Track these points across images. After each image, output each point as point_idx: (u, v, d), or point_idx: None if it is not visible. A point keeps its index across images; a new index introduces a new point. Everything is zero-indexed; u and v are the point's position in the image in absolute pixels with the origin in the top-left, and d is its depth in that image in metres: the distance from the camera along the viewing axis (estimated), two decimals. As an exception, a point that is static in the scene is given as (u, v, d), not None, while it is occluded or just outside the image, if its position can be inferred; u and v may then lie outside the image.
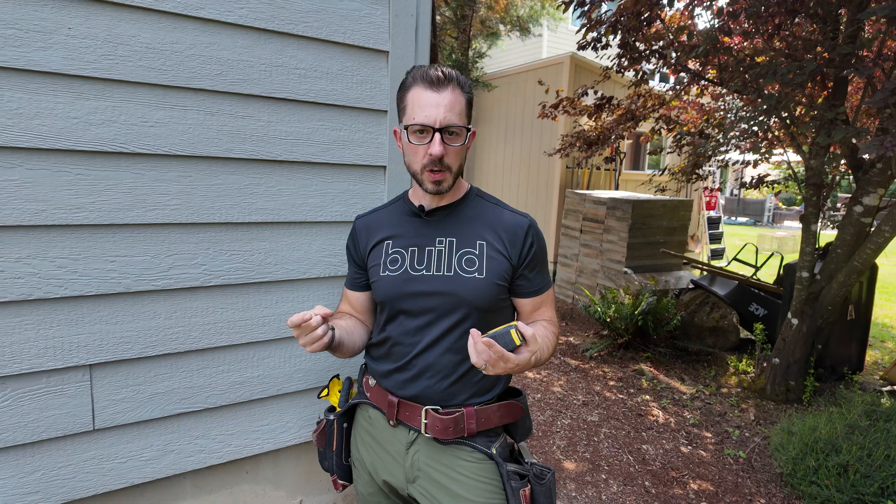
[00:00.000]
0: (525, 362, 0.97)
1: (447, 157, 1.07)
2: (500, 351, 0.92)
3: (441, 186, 1.10)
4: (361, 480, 1.27)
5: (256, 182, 1.37)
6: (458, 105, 1.06)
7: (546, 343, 1.13)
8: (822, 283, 3.52)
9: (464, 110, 1.08)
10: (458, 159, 1.10)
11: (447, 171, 1.08)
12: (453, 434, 1.12)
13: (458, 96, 1.06)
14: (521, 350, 0.96)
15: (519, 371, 0.99)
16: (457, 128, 1.06)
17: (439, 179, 1.09)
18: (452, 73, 1.07)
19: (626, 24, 3.86)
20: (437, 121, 1.04)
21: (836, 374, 4.02)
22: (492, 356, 0.92)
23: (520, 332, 0.95)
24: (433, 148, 1.05)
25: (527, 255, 1.14)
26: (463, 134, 1.07)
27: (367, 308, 1.30)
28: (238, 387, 1.42)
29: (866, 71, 2.67)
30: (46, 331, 1.17)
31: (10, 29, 1.06)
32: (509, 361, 0.94)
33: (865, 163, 3.40)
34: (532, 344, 0.96)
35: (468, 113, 1.10)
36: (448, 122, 1.05)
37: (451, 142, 1.07)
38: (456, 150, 1.08)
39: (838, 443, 2.53)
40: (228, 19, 1.26)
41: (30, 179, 1.11)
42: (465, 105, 1.08)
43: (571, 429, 3.26)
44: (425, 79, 1.06)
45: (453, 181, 1.11)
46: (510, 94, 7.75)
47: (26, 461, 1.19)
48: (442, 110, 1.04)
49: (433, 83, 1.05)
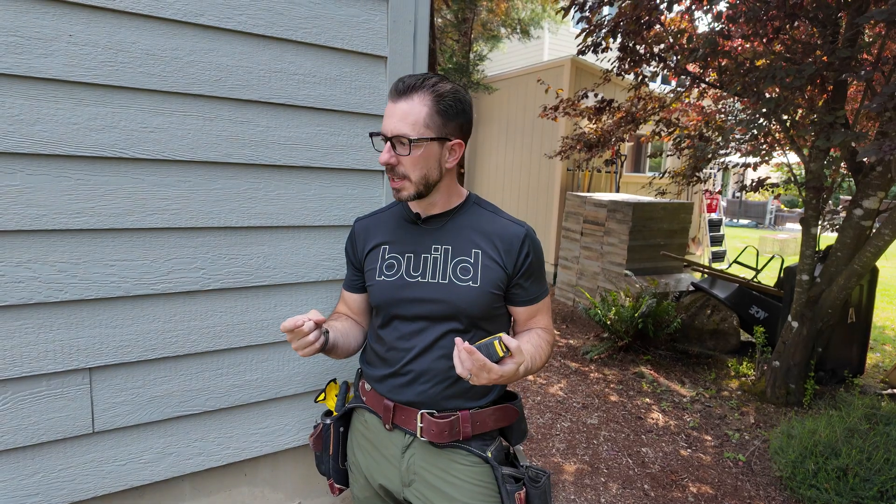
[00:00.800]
0: (511, 373, 0.97)
1: (400, 165, 1.07)
2: (481, 361, 0.92)
3: (400, 194, 1.11)
4: (358, 484, 1.28)
5: (255, 187, 1.38)
6: (412, 115, 1.04)
7: (538, 352, 1.14)
8: (822, 286, 3.52)
9: (422, 120, 1.04)
10: (416, 169, 1.07)
11: (405, 179, 1.08)
12: (448, 438, 1.12)
13: (415, 106, 1.04)
14: (506, 361, 0.96)
15: (506, 381, 0.99)
16: (404, 138, 1.04)
17: (397, 188, 1.10)
18: (417, 83, 1.05)
19: (626, 28, 3.87)
20: (388, 130, 1.06)
21: (837, 377, 4.02)
22: (474, 366, 0.92)
23: (504, 343, 0.95)
24: (381, 156, 1.08)
25: (522, 264, 1.14)
26: (409, 145, 1.04)
27: (363, 310, 1.31)
28: (237, 390, 1.43)
29: (866, 75, 2.67)
30: (47, 334, 1.18)
31: (12, 36, 1.07)
32: (492, 372, 0.93)
33: (865, 166, 3.40)
34: (518, 356, 0.96)
35: (435, 123, 1.06)
36: (396, 131, 1.04)
37: (401, 152, 1.06)
38: (411, 160, 1.06)
39: (838, 446, 2.53)
40: (227, 26, 1.27)
41: (30, 185, 1.13)
42: (426, 115, 1.04)
43: (571, 431, 3.27)
44: (392, 89, 1.07)
45: (417, 191, 1.10)
46: (511, 97, 7.77)
47: (26, 463, 1.20)
48: (393, 120, 1.05)
49: (394, 93, 1.07)
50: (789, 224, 16.18)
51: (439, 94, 1.06)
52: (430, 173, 1.09)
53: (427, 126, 1.05)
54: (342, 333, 1.19)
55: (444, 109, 1.07)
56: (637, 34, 3.89)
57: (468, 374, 0.94)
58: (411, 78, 1.06)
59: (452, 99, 1.07)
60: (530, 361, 1.09)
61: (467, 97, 1.12)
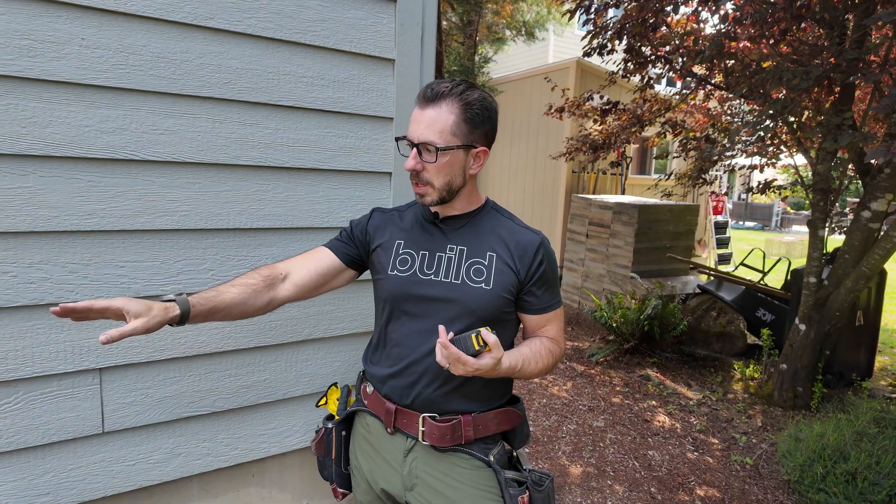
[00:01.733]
0: (488, 367, 0.98)
1: (425, 172, 1.08)
2: (455, 353, 0.95)
3: (423, 199, 1.12)
4: (360, 488, 1.27)
5: (264, 188, 1.38)
6: (439, 123, 1.05)
7: (536, 357, 1.14)
8: (829, 289, 3.50)
9: (448, 128, 1.05)
10: (440, 176, 1.08)
11: (428, 185, 1.09)
12: (451, 441, 1.12)
13: (443, 114, 1.05)
14: (484, 355, 0.98)
15: (487, 375, 1.01)
16: (431, 146, 1.05)
17: (421, 193, 1.11)
18: (446, 91, 1.05)
19: (632, 30, 3.87)
20: (414, 136, 1.07)
21: (845, 380, 3.99)
22: (450, 357, 0.96)
23: (482, 338, 0.97)
24: (406, 162, 1.09)
25: (535, 271, 1.14)
26: (436, 153, 1.05)
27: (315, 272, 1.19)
28: (245, 391, 1.44)
29: (873, 76, 2.66)
30: (58, 335, 1.19)
31: (26, 40, 1.08)
32: (468, 365, 0.96)
33: (873, 168, 3.38)
34: (496, 351, 0.98)
35: (462, 130, 1.06)
36: (423, 138, 1.05)
37: (427, 159, 1.07)
38: (436, 167, 1.07)
39: (847, 450, 2.51)
40: (237, 29, 1.28)
41: (43, 186, 1.14)
42: (453, 122, 1.05)
43: (577, 434, 3.26)
44: (420, 95, 1.08)
45: (440, 197, 1.11)
46: (516, 99, 7.77)
47: (37, 463, 1.21)
48: (420, 127, 1.06)
49: (422, 100, 1.07)
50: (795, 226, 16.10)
51: (467, 102, 1.06)
52: (453, 180, 1.10)
53: (454, 134, 1.06)
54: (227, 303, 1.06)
55: (472, 118, 1.07)
56: (643, 36, 3.89)
57: (446, 363, 0.98)
58: (440, 84, 1.06)
59: (480, 107, 1.08)
60: (521, 363, 1.10)
61: (494, 104, 1.13)
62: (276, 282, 1.15)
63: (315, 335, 1.51)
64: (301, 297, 1.20)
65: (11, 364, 1.15)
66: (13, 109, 1.09)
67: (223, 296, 1.06)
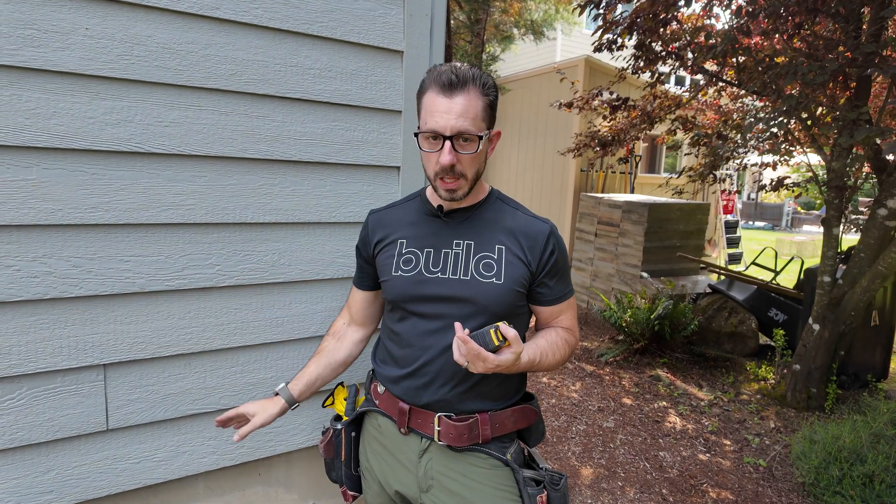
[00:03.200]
0: (508, 363, 0.95)
1: (460, 164, 1.02)
2: (476, 350, 0.92)
3: (455, 195, 1.06)
4: (371, 491, 1.24)
5: (271, 182, 1.36)
6: (472, 110, 1.00)
7: (552, 349, 1.11)
8: (844, 288, 3.43)
9: (479, 114, 1.01)
10: (473, 166, 1.05)
11: (461, 178, 1.04)
12: (468, 441, 1.09)
13: (472, 100, 1.00)
14: (503, 351, 0.95)
15: (507, 371, 0.98)
16: (470, 135, 1.00)
17: (453, 188, 1.05)
18: (468, 74, 1.00)
19: (643, 26, 3.82)
20: (447, 128, 0.99)
21: (860, 381, 3.92)
22: (469, 354, 0.93)
23: (501, 332, 0.93)
24: (443, 157, 1.00)
25: (547, 262, 1.11)
26: (476, 140, 1.01)
27: (364, 309, 1.28)
28: (252, 388, 1.41)
29: (891, 69, 2.61)
30: (61, 330, 1.17)
31: (29, 29, 1.06)
32: (488, 361, 0.93)
33: (889, 165, 3.31)
34: (515, 345, 0.95)
35: (487, 116, 1.03)
36: (459, 129, 0.99)
37: (464, 149, 1.01)
38: (470, 158, 1.03)
39: (863, 452, 2.46)
40: (244, 19, 1.26)
41: (46, 179, 1.12)
42: (481, 108, 1.01)
43: (587, 435, 3.22)
44: (439, 82, 1.00)
45: (469, 188, 1.07)
46: (524, 97, 7.73)
47: (41, 460, 1.19)
48: (453, 117, 0.99)
49: (445, 87, 0.99)
50: (806, 226, 15.94)
51: (486, 86, 1.03)
52: (480, 168, 1.08)
53: (483, 119, 1.03)
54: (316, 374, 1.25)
55: (493, 101, 1.05)
56: (654, 31, 3.84)
57: (465, 361, 0.95)
58: (460, 69, 1.01)
59: (494, 89, 1.06)
60: (540, 356, 1.07)
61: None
62: (343, 331, 1.30)
63: (322, 332, 1.49)
64: (369, 328, 1.32)
65: (15, 359, 1.13)
66: (16, 100, 1.07)
67: (309, 369, 1.25)
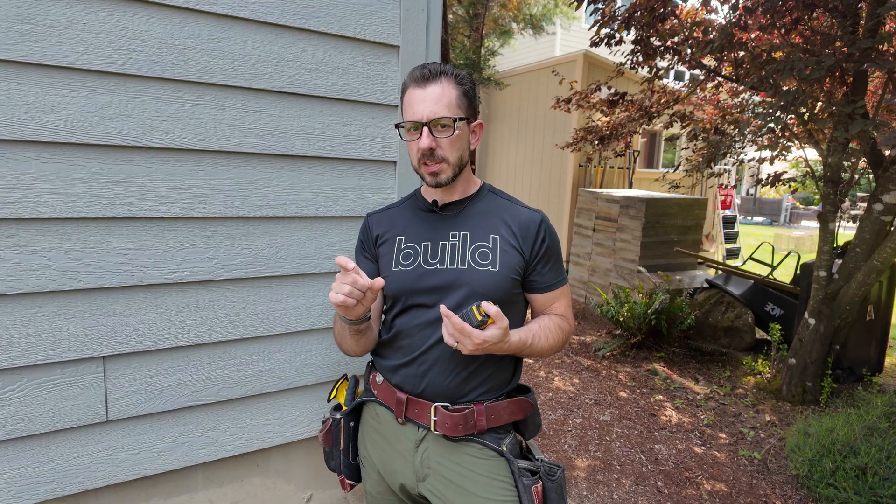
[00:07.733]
0: (496, 339, 0.98)
1: (439, 149, 1.08)
2: (459, 324, 0.95)
3: (439, 178, 1.10)
4: (370, 479, 1.26)
5: (268, 176, 1.37)
6: (445, 97, 1.07)
7: (545, 333, 1.14)
8: (840, 283, 3.45)
9: (454, 101, 1.08)
10: (454, 150, 1.10)
11: (443, 162, 1.09)
12: (463, 431, 1.11)
13: (445, 88, 1.07)
14: (489, 327, 0.97)
15: (497, 350, 1.01)
16: (445, 119, 1.07)
17: (435, 171, 1.10)
18: (441, 68, 1.09)
19: (640, 20, 3.82)
20: (423, 115, 1.06)
21: (855, 375, 3.95)
22: (455, 331, 0.96)
23: (482, 308, 0.96)
24: (422, 142, 1.07)
25: (539, 249, 1.14)
26: (452, 125, 1.07)
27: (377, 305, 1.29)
28: (249, 380, 1.43)
29: (888, 64, 2.61)
30: (61, 322, 1.19)
31: (27, 24, 1.07)
32: (474, 336, 0.96)
33: (885, 160, 3.33)
34: (499, 320, 0.97)
35: (463, 104, 1.10)
36: (434, 114, 1.06)
37: (441, 134, 1.08)
38: (449, 142, 1.09)
39: (857, 445, 2.48)
40: (240, 14, 1.27)
41: (45, 173, 1.13)
42: (455, 97, 1.08)
43: (583, 428, 3.24)
44: (413, 77, 1.09)
45: (454, 173, 1.12)
46: (523, 93, 7.72)
47: (41, 451, 1.21)
48: (428, 104, 1.06)
49: (419, 81, 1.08)
50: (805, 221, 15.95)
51: (459, 77, 1.11)
52: (463, 154, 1.13)
53: (458, 107, 1.09)
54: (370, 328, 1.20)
55: (467, 91, 1.12)
56: (651, 26, 3.84)
57: (453, 341, 0.98)
58: (432, 65, 1.10)
59: (469, 81, 1.13)
60: (532, 338, 1.10)
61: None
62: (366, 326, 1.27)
63: (319, 325, 1.50)
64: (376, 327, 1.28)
65: (15, 351, 1.15)
66: (15, 95, 1.08)
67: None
